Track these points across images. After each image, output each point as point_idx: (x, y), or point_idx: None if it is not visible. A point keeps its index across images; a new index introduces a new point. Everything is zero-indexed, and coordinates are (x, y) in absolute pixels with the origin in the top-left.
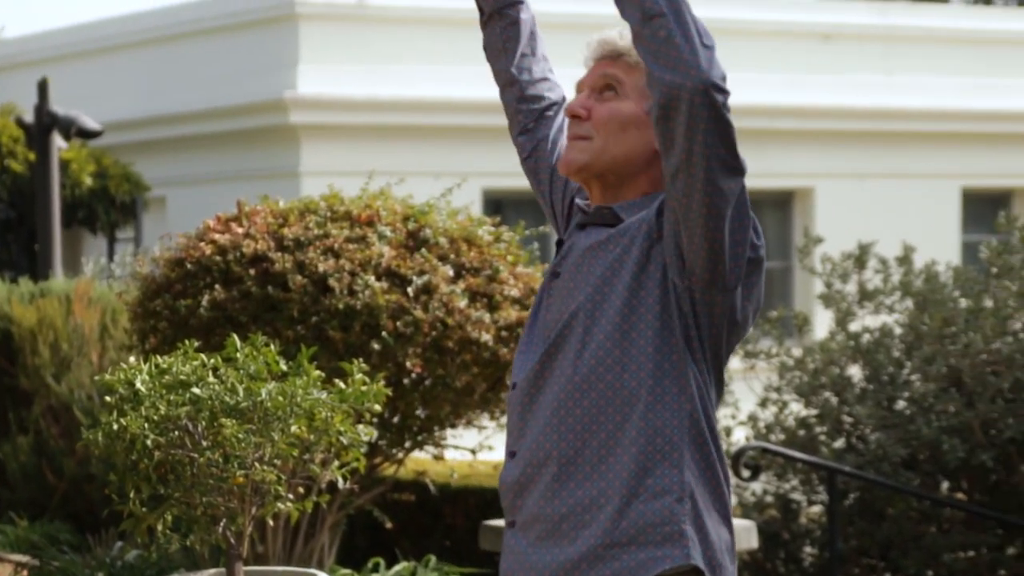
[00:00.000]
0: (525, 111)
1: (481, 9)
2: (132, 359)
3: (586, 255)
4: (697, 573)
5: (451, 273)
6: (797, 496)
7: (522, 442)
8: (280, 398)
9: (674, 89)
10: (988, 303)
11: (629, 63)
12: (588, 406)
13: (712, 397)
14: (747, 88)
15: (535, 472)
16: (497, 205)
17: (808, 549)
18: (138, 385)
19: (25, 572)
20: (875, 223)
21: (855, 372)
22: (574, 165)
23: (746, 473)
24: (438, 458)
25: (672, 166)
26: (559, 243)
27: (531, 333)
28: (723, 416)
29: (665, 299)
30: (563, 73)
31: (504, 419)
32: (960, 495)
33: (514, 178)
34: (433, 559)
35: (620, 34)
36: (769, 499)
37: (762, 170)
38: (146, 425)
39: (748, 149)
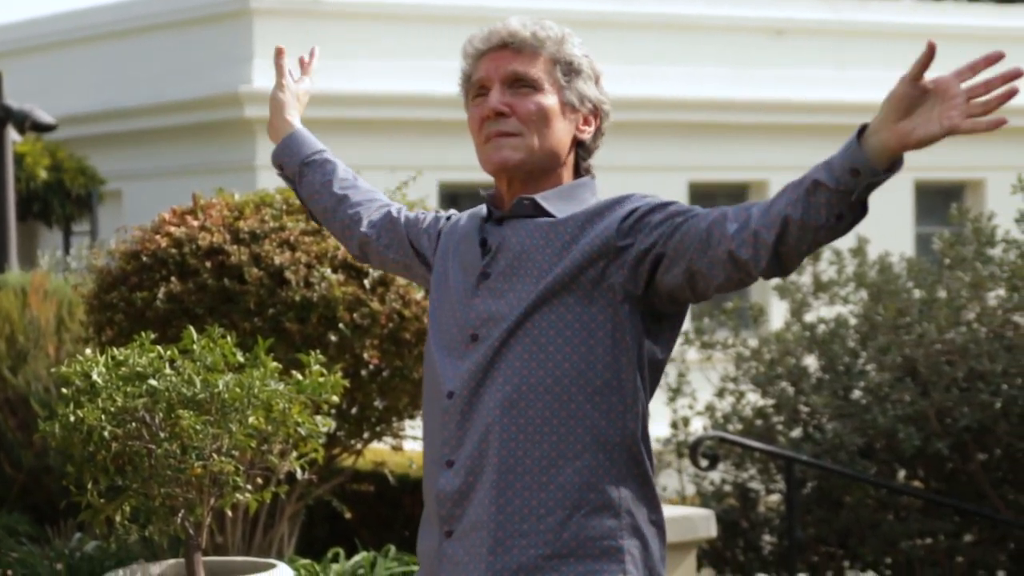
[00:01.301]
0: (376, 233)
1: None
2: (88, 351)
3: (522, 258)
4: None
5: None
6: (755, 485)
7: (461, 451)
8: (237, 389)
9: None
10: (941, 294)
11: (537, 54)
12: (533, 416)
13: (648, 415)
14: (702, 82)
15: (475, 480)
16: (453, 198)
17: (767, 537)
18: (95, 377)
19: None
20: None
21: (811, 362)
22: (509, 163)
23: (704, 462)
24: (396, 448)
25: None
26: (484, 243)
27: (448, 334)
28: (680, 406)
29: (617, 317)
30: None
31: None
32: (917, 483)
33: (469, 171)
34: (393, 549)
35: (522, 23)
36: (727, 488)
37: (717, 163)
38: (103, 417)
39: (704, 143)
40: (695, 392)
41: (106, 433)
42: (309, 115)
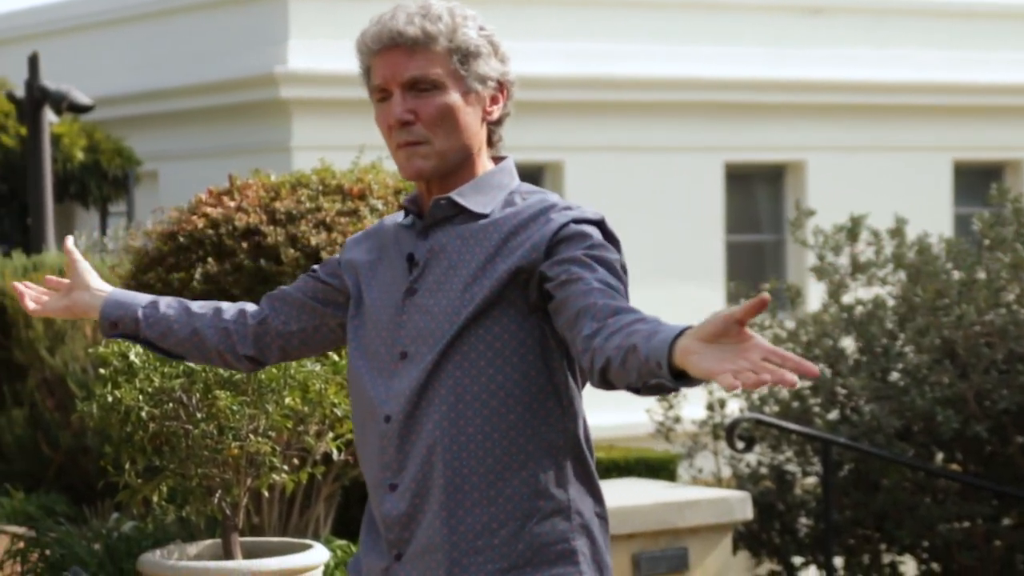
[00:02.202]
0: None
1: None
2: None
3: (449, 273)
4: None
5: None
6: (792, 467)
7: (404, 474)
8: (274, 370)
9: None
10: (981, 275)
11: (430, 50)
12: (474, 432)
13: (583, 408)
14: (739, 62)
15: (422, 503)
16: None
17: (803, 520)
18: (132, 358)
19: (21, 543)
20: (867, 196)
21: (848, 344)
22: (424, 173)
23: (740, 445)
24: None
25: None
26: (411, 258)
27: (375, 353)
28: (716, 388)
29: (544, 324)
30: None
31: None
32: (955, 466)
33: (505, 152)
34: None
35: (409, 19)
36: (764, 470)
37: (754, 144)
38: (140, 397)
39: (740, 123)
40: None
41: (143, 413)
42: (342, 95)
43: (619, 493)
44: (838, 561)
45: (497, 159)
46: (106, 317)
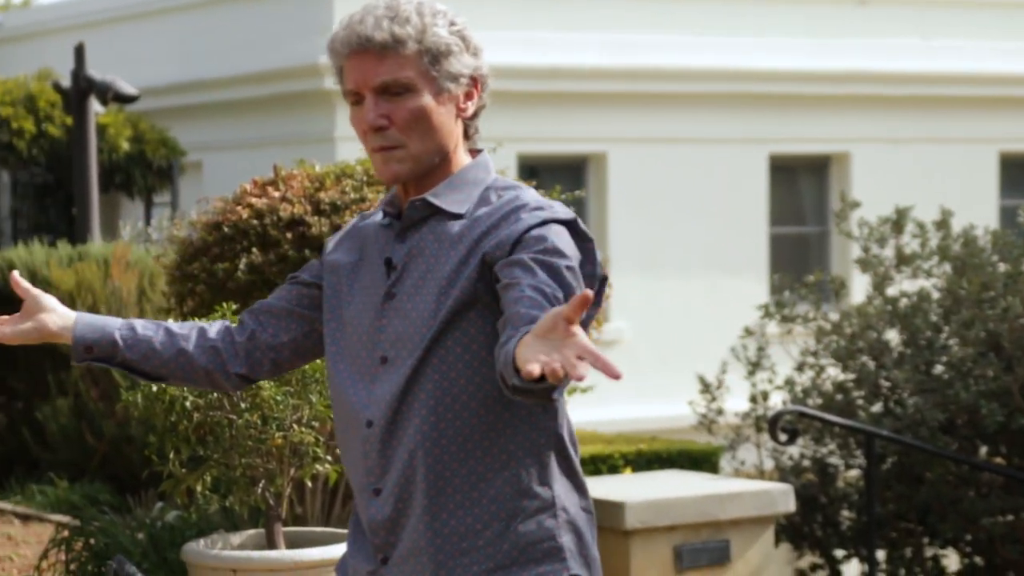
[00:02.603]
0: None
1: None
2: (170, 322)
3: (427, 276)
4: None
5: None
6: (834, 460)
7: (387, 478)
8: (319, 360)
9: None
10: None
11: (400, 53)
12: (455, 434)
13: (564, 404)
14: (784, 53)
15: (406, 506)
16: (532, 170)
17: (845, 513)
18: None
19: (66, 532)
20: (912, 188)
21: (893, 336)
22: (401, 177)
23: (783, 437)
24: None
25: None
26: (389, 262)
27: (356, 357)
28: (760, 380)
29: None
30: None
31: None
32: (999, 459)
33: (549, 143)
34: None
35: (377, 23)
36: (806, 463)
37: (799, 135)
38: (185, 387)
39: (785, 115)
40: (775, 366)
41: (188, 403)
42: None
43: (661, 485)
44: (880, 554)
45: (474, 152)
46: (80, 340)
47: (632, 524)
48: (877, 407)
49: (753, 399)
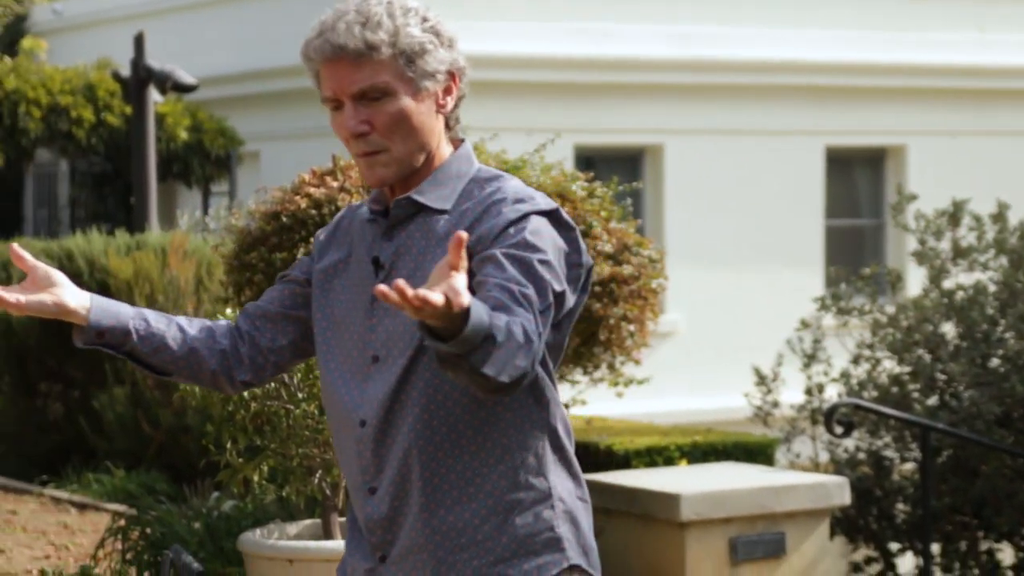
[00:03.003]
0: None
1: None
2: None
3: (416, 274)
4: (577, 568)
5: None
6: (890, 453)
7: (382, 477)
8: None
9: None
10: None
11: (375, 59)
12: (448, 431)
13: (557, 396)
14: (841, 46)
15: (402, 504)
16: (588, 161)
17: (901, 506)
18: None
19: (122, 521)
20: (968, 180)
21: (949, 329)
22: (387, 180)
23: (839, 430)
24: None
25: None
26: (376, 261)
27: (347, 356)
28: (815, 373)
29: None
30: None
31: (597, 374)
32: None
33: (606, 135)
34: None
35: (348, 29)
36: (862, 456)
37: (855, 127)
38: None
39: (841, 107)
40: (830, 358)
41: (245, 393)
42: None
43: (716, 477)
44: (935, 548)
45: (456, 142)
46: (95, 325)
47: (688, 516)
48: (933, 400)
49: (808, 391)
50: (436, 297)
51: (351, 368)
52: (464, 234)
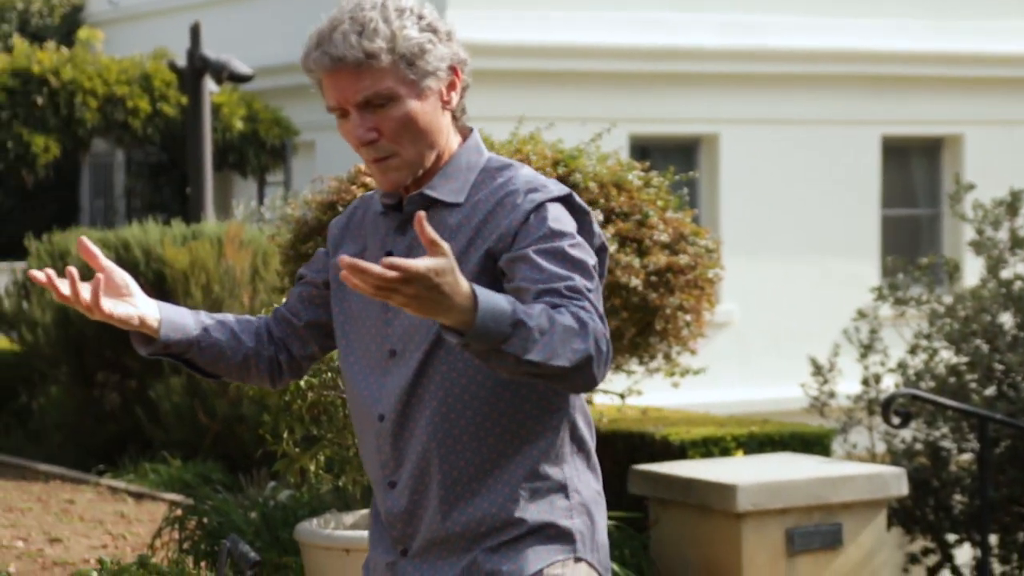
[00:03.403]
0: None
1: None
2: (284, 300)
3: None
4: (583, 562)
5: (601, 218)
6: (947, 444)
7: (401, 471)
8: None
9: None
10: None
11: (376, 67)
12: (466, 424)
13: None
14: (897, 34)
15: (421, 498)
16: (643, 151)
17: (958, 497)
18: None
19: (179, 511)
20: None
21: (1007, 319)
22: (401, 183)
23: (896, 420)
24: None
25: None
26: (390, 256)
27: (365, 350)
28: (872, 363)
29: None
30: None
31: (653, 364)
32: None
33: (661, 124)
34: None
35: (345, 39)
36: (919, 446)
37: (912, 117)
38: None
39: (898, 96)
40: (887, 349)
41: (302, 383)
42: (499, 66)
43: (773, 468)
44: (993, 539)
45: (464, 130)
46: (164, 339)
47: (744, 507)
48: (990, 390)
49: (865, 382)
50: (376, 268)
51: (369, 363)
52: (423, 214)
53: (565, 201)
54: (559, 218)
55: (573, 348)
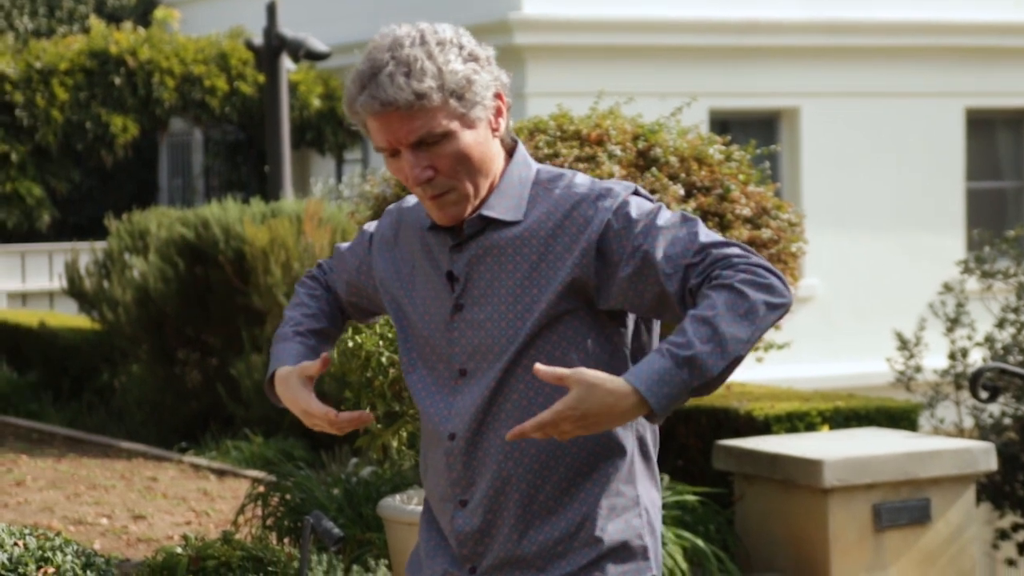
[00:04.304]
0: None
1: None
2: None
3: (494, 285)
4: None
5: (681, 192)
6: None
7: (474, 490)
8: None
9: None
10: None
11: (428, 107)
12: (544, 444)
13: None
14: (981, 5)
15: (495, 518)
16: (724, 125)
17: None
18: None
19: (261, 488)
20: None
21: None
22: (461, 216)
23: (984, 395)
24: None
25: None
26: (451, 275)
27: (432, 368)
28: (959, 337)
29: (600, 317)
30: None
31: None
32: None
33: (741, 98)
34: (667, 478)
35: (392, 80)
36: (1007, 421)
37: (996, 89)
38: (381, 343)
39: (982, 68)
40: (974, 323)
41: (384, 359)
42: (577, 42)
43: (859, 443)
44: None
45: (507, 146)
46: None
47: (831, 482)
48: None
49: (952, 356)
50: (529, 430)
51: (436, 381)
52: (541, 367)
53: (637, 193)
54: (639, 205)
55: (745, 311)
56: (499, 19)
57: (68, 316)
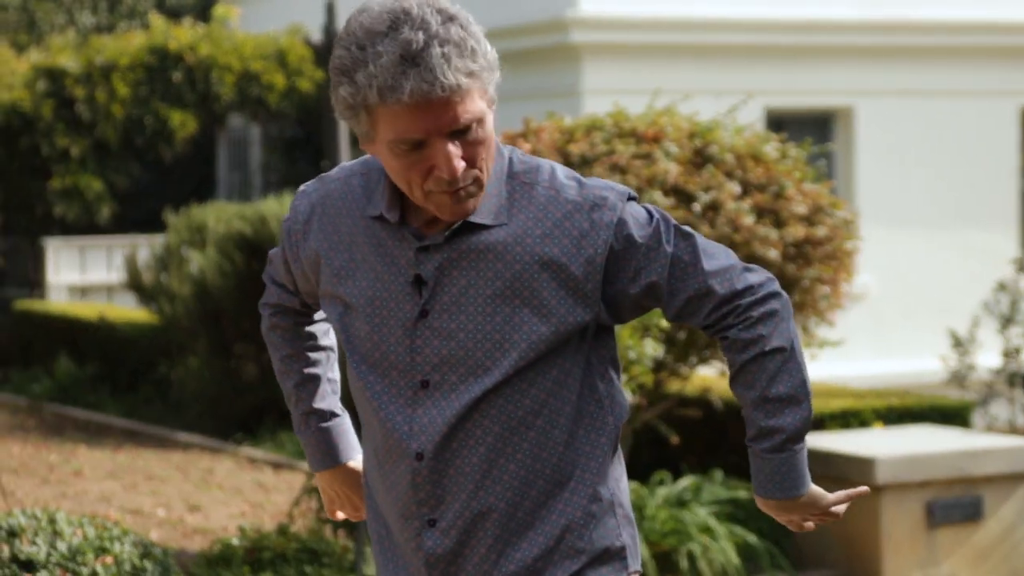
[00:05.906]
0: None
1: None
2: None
3: (468, 293)
4: (635, 574)
5: (737, 190)
6: None
7: (443, 509)
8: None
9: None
10: None
11: (474, 88)
12: (522, 458)
13: (619, 383)
14: None
15: (470, 538)
16: (779, 123)
17: None
18: None
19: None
20: None
21: None
22: (472, 209)
23: None
24: (724, 374)
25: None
26: (419, 279)
27: (385, 375)
28: (1013, 335)
29: (584, 332)
30: None
31: None
32: None
33: (797, 96)
34: (720, 474)
35: (445, 61)
36: None
37: None
38: None
39: None
40: None
41: None
42: (633, 40)
43: (912, 440)
44: None
45: None
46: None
47: (884, 479)
48: None
49: (1006, 354)
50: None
51: (390, 390)
52: (866, 490)
53: (630, 199)
54: (637, 220)
55: (777, 365)
56: (555, 17)
57: (127, 309)
